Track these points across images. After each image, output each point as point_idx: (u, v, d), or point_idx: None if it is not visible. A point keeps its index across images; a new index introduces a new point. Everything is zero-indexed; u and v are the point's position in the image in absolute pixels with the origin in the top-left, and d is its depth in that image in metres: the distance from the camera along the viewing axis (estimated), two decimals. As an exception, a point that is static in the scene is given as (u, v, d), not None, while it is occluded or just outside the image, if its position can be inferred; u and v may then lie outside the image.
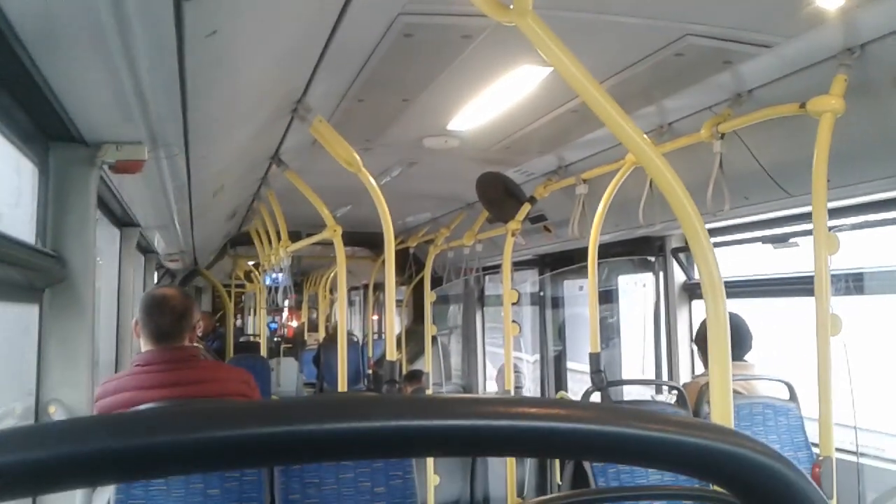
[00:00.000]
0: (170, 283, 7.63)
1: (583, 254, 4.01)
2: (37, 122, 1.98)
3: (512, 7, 1.74)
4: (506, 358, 4.69)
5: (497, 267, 6.17)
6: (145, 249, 5.25)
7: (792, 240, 4.05)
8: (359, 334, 11.62)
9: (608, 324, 5.86)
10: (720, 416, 1.90)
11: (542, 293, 6.77)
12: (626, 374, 5.70)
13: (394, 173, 4.91)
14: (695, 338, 4.47)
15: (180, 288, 3.24)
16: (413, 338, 8.43)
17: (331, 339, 9.65)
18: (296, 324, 15.79)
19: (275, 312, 14.62)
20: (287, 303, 12.95)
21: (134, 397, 2.59)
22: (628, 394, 5.42)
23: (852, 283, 3.57)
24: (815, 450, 2.92)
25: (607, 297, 5.75)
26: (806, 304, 2.75)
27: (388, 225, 3.32)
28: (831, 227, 2.57)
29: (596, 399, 3.99)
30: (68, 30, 1.44)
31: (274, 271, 6.92)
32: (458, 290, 8.10)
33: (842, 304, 2.66)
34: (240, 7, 1.64)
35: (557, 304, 6.72)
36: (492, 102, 3.38)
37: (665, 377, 5.07)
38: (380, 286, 10.01)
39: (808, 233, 2.85)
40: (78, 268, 2.10)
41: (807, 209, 2.82)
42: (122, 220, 3.97)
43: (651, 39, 2.63)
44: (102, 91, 1.74)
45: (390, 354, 3.44)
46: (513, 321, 4.67)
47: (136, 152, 2.18)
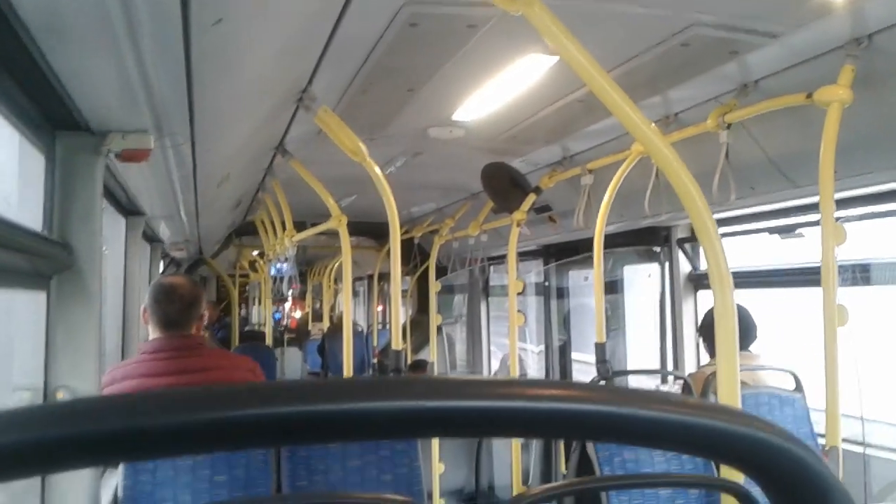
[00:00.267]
0: (175, 272, 7.65)
1: (588, 244, 4.00)
2: (43, 110, 1.99)
3: (518, -5, 1.73)
4: (510, 348, 4.70)
5: (502, 257, 6.18)
6: (151, 238, 5.26)
7: (798, 230, 4.04)
8: (363, 324, 11.64)
9: (613, 314, 5.87)
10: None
11: (546, 283, 6.77)
12: (632, 364, 5.71)
13: (399, 163, 4.90)
14: (699, 328, 4.47)
15: (189, 277, 3.25)
16: (418, 328, 8.44)
17: (335, 329, 9.67)
18: (300, 314, 15.81)
19: (279, 302, 14.63)
20: (291, 293, 12.97)
21: (141, 384, 2.61)
22: (633, 384, 5.43)
23: (859, 273, 3.56)
24: (821, 440, 2.92)
25: (613, 287, 5.75)
26: (812, 294, 2.74)
27: (394, 214, 3.32)
28: (838, 218, 2.56)
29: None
30: (74, 18, 1.44)
31: (279, 261, 6.94)
32: (462, 281, 8.11)
33: (849, 295, 2.65)
34: (246, -5, 1.64)
35: (562, 294, 6.72)
36: (497, 92, 3.37)
37: (670, 367, 5.07)
38: (384, 276, 10.02)
39: (815, 223, 2.84)
40: (85, 255, 2.11)
41: (814, 200, 2.81)
42: (127, 208, 3.97)
43: (657, 29, 2.62)
44: (108, 79, 1.74)
45: (395, 344, 3.44)
46: (518, 311, 4.68)
47: (141, 141, 2.18)
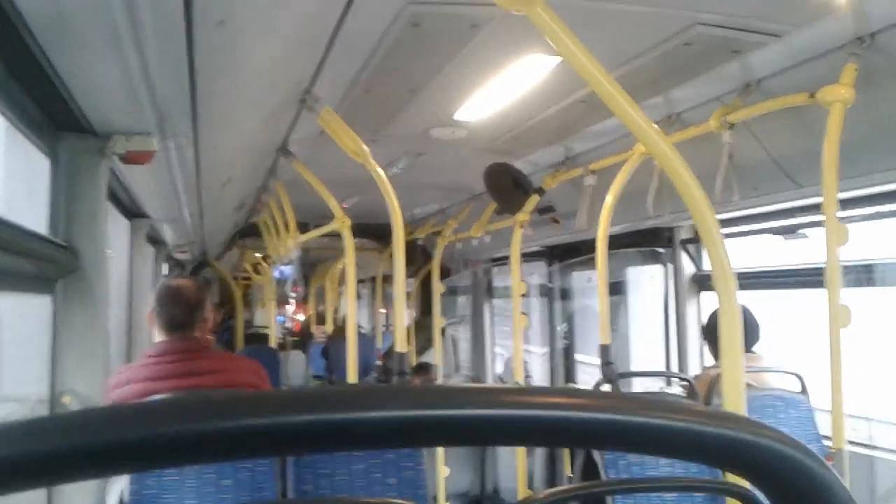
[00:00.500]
0: (179, 274, 7.66)
1: (591, 245, 4.00)
2: (47, 112, 1.99)
3: (521, -5, 1.73)
4: (515, 350, 4.69)
5: (505, 258, 6.17)
6: (155, 241, 5.27)
7: (802, 231, 4.04)
8: (366, 326, 11.63)
9: (617, 315, 5.86)
10: (732, 408, 1.90)
11: (550, 285, 6.77)
12: (636, 365, 5.70)
13: (401, 164, 4.90)
14: (703, 329, 4.46)
15: (195, 279, 3.26)
16: (421, 330, 8.43)
17: (339, 332, 9.67)
18: (302, 317, 15.78)
19: (282, 305, 14.61)
20: (294, 296, 12.95)
21: (146, 387, 2.61)
22: (637, 386, 5.42)
23: (863, 274, 3.56)
24: (827, 442, 2.91)
25: (616, 288, 5.74)
26: (816, 295, 2.74)
27: (397, 216, 3.32)
28: (842, 218, 2.56)
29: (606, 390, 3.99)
30: (78, 20, 1.45)
31: (282, 263, 6.94)
32: (466, 282, 8.10)
33: (856, 295, 2.65)
34: (249, -4, 1.65)
35: (566, 295, 6.72)
36: (500, 92, 3.37)
37: (675, 369, 5.06)
38: (387, 278, 10.01)
39: (819, 224, 2.83)
40: (90, 258, 2.11)
41: (817, 200, 2.81)
42: (131, 211, 3.98)
43: (660, 29, 2.62)
44: (112, 82, 1.74)
45: (400, 347, 3.44)
46: (522, 313, 4.67)
47: (145, 143, 2.19)
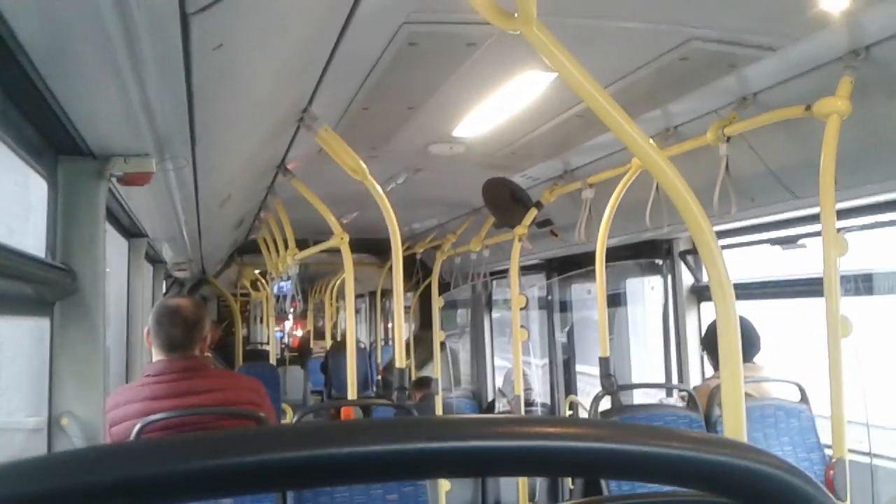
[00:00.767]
0: (178, 292, 7.66)
1: (590, 257, 4.00)
2: (45, 135, 1.99)
3: (517, 15, 1.74)
4: (514, 363, 4.69)
5: (504, 272, 6.18)
6: (153, 259, 5.27)
7: (800, 241, 4.04)
8: (365, 341, 11.61)
9: (617, 327, 5.86)
10: (732, 419, 1.90)
11: (549, 297, 6.77)
12: (636, 376, 5.69)
13: (400, 180, 4.92)
14: (703, 340, 4.46)
15: (193, 298, 3.25)
16: (421, 344, 8.43)
17: (338, 347, 9.66)
18: (301, 333, 15.75)
19: (280, 321, 14.59)
20: (292, 311, 12.95)
21: (145, 408, 2.60)
22: (638, 397, 5.41)
23: (862, 283, 3.56)
24: (828, 451, 2.91)
25: (616, 300, 5.75)
26: (816, 305, 2.74)
27: (395, 231, 3.33)
28: (840, 229, 2.57)
29: (606, 403, 3.99)
30: (76, 44, 1.45)
31: (282, 279, 6.94)
32: (465, 296, 8.11)
33: (857, 304, 2.65)
34: (246, 20, 1.65)
35: (565, 307, 6.72)
36: (497, 108, 3.38)
37: (675, 380, 5.06)
38: (386, 293, 10.01)
39: (817, 234, 2.84)
40: (88, 280, 2.11)
41: (815, 210, 2.82)
42: (130, 230, 3.98)
43: (656, 44, 2.63)
44: (110, 105, 1.75)
45: (399, 362, 3.44)
46: (521, 326, 4.67)
47: (143, 164, 2.19)
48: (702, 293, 5.01)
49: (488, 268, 6.76)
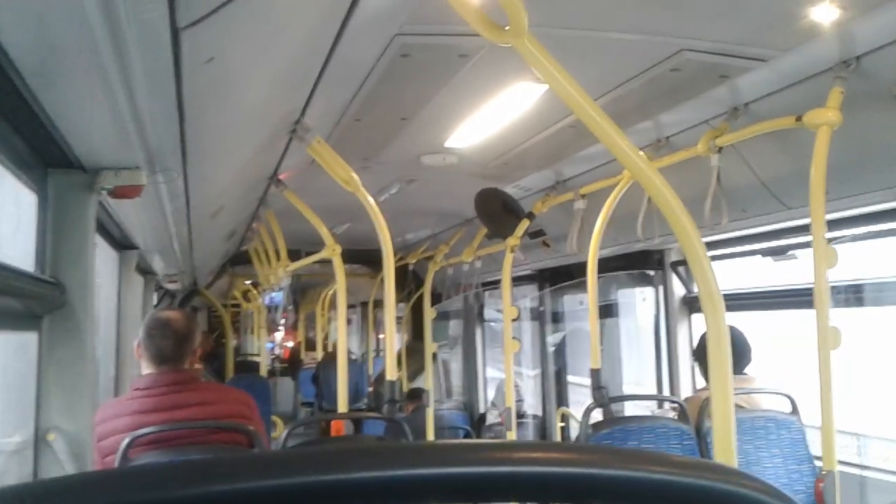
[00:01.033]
0: (169, 304, 7.62)
1: (582, 268, 4.00)
2: (35, 149, 1.98)
3: (508, 28, 1.74)
4: (506, 375, 4.67)
5: (497, 282, 6.17)
6: (144, 271, 5.25)
7: (791, 252, 4.05)
8: (357, 353, 11.57)
9: (609, 338, 5.85)
10: (722, 431, 1.89)
11: (541, 308, 6.77)
12: (628, 388, 5.68)
13: (392, 190, 4.91)
14: (694, 351, 4.46)
15: (183, 311, 3.22)
16: (413, 355, 8.40)
17: (330, 358, 9.62)
18: (292, 344, 15.68)
19: (271, 332, 14.53)
20: (283, 322, 12.91)
21: (134, 421, 2.57)
22: (630, 408, 5.40)
23: (852, 294, 3.57)
24: (818, 463, 2.91)
25: (608, 311, 5.74)
26: (807, 315, 2.74)
27: (387, 242, 3.32)
28: (831, 239, 2.57)
29: (598, 414, 3.97)
30: (66, 59, 1.45)
31: (273, 290, 6.92)
32: (457, 307, 8.09)
33: (849, 315, 2.65)
34: (237, 33, 1.65)
35: (558, 318, 6.71)
36: (489, 119, 3.38)
37: (666, 391, 5.05)
38: (379, 304, 9.98)
39: (808, 245, 2.85)
40: (77, 294, 2.09)
41: (805, 221, 2.82)
42: (121, 242, 3.96)
43: (647, 55, 2.64)
44: (101, 118, 1.74)
45: (390, 374, 3.43)
46: (513, 337, 4.66)
47: (134, 177, 2.18)
48: (693, 304, 5.02)
49: (480, 279, 6.76)
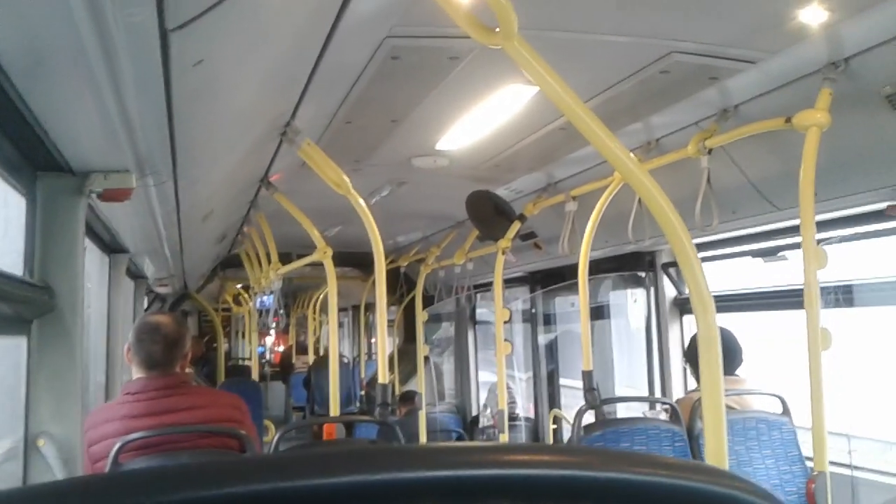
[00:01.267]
0: (160, 308, 7.59)
1: (574, 270, 4.00)
2: (24, 152, 1.97)
3: (498, 30, 1.74)
4: (498, 378, 4.67)
5: (488, 285, 6.17)
6: (135, 275, 5.22)
7: (781, 253, 4.06)
8: (349, 356, 11.55)
9: (601, 340, 5.86)
10: (713, 432, 1.89)
11: (533, 310, 6.77)
12: (620, 389, 5.69)
13: (383, 193, 4.91)
14: (685, 353, 4.47)
15: (174, 315, 3.21)
16: (405, 358, 8.39)
17: (321, 362, 9.60)
18: (283, 348, 15.63)
19: (263, 335, 14.49)
20: (274, 326, 12.88)
21: (124, 426, 2.56)
22: (622, 410, 5.41)
23: (842, 295, 3.58)
24: (810, 463, 2.91)
25: (599, 313, 5.75)
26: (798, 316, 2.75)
27: (378, 245, 3.32)
28: (820, 240, 2.58)
29: (590, 416, 3.97)
30: (55, 61, 1.44)
31: (265, 293, 6.90)
32: (449, 309, 8.09)
33: (841, 316, 2.65)
34: (227, 35, 1.64)
35: (549, 320, 6.71)
36: (480, 122, 3.38)
37: (658, 392, 5.05)
38: (370, 307, 9.96)
39: (797, 246, 2.86)
40: (66, 298, 2.08)
41: (795, 222, 2.83)
42: (111, 246, 3.94)
43: (637, 57, 2.65)
44: (90, 121, 1.73)
45: (382, 377, 3.41)
46: (505, 339, 4.66)
47: (123, 181, 2.17)
48: (685, 305, 5.03)
49: (472, 281, 6.76)
